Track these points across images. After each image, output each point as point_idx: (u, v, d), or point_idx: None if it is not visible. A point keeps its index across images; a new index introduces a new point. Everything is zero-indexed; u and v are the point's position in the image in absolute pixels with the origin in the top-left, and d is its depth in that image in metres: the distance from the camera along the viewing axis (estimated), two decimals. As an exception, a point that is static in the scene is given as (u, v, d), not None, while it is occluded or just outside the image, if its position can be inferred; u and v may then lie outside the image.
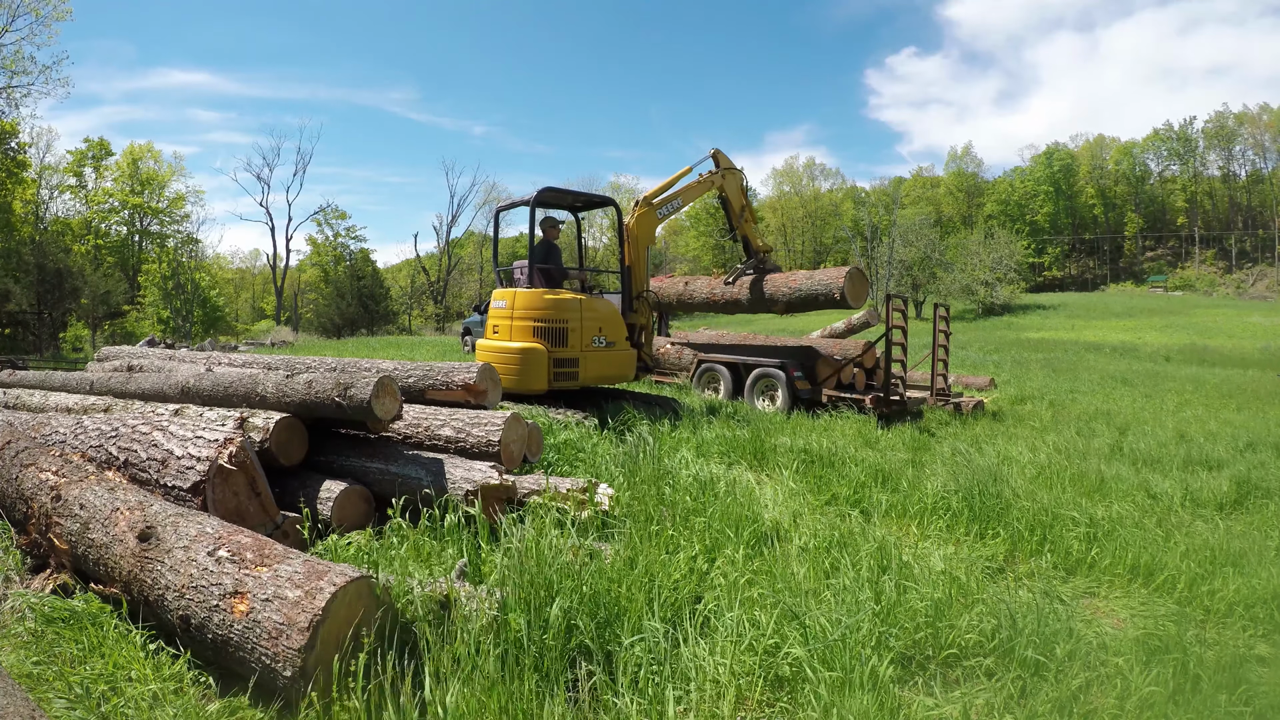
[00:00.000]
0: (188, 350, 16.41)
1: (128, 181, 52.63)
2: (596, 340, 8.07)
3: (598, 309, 8.21)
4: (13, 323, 31.66)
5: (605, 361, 8.19)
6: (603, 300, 8.43)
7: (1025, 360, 23.79)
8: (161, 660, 2.46)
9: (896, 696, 2.40)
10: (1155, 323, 49.01)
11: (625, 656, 2.52)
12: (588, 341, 7.98)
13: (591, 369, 8.07)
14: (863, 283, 9.96)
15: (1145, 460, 6.93)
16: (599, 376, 8.24)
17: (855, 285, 9.80)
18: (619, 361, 8.41)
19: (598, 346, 8.08)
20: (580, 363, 7.90)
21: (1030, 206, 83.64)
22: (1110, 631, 3.05)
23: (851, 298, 9.65)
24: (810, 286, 9.98)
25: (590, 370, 8.05)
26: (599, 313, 8.19)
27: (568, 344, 7.82)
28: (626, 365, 8.57)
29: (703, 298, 11.49)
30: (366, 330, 43.29)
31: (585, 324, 7.99)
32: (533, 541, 2.98)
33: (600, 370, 8.19)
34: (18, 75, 28.99)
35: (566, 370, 7.78)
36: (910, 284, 56.78)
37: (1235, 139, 79.61)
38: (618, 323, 8.42)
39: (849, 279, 9.72)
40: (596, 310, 8.18)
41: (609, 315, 8.32)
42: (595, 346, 8.05)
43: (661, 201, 9.39)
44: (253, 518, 3.43)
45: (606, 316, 8.27)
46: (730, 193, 10.21)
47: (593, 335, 8.05)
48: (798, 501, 4.82)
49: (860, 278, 9.97)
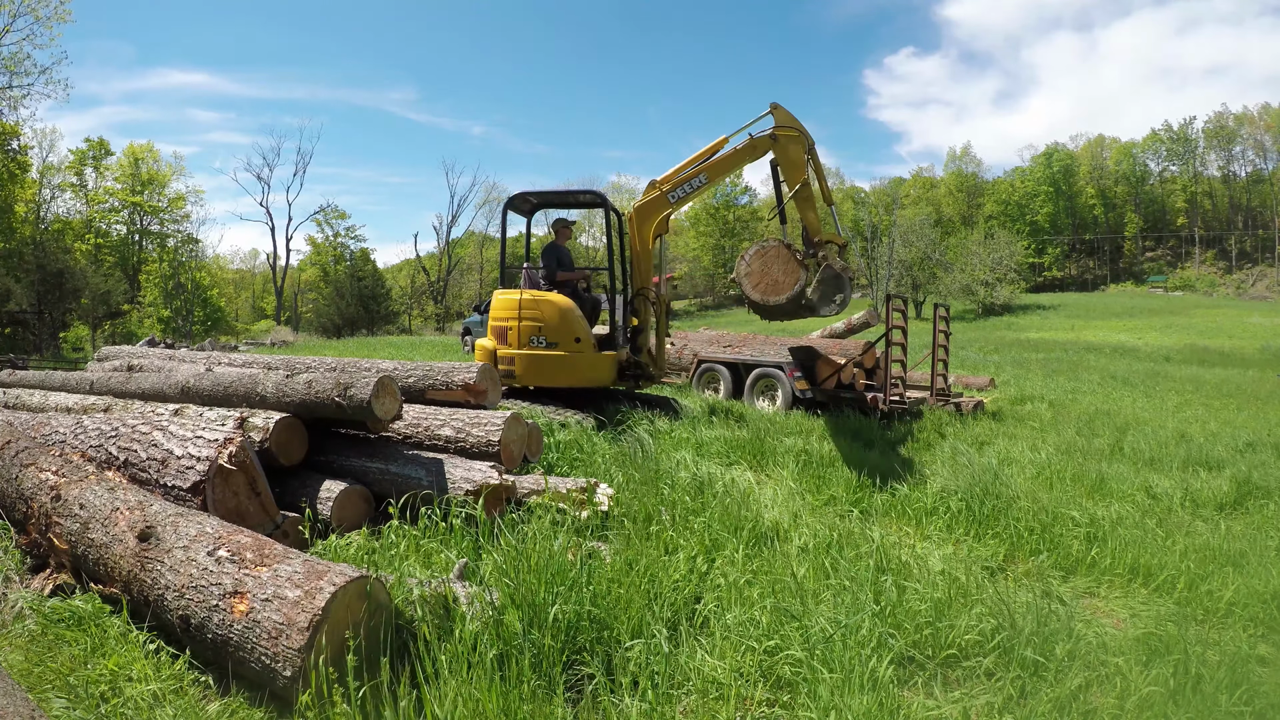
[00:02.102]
0: (188, 350, 16.41)
1: (128, 181, 52.70)
2: (535, 340, 7.66)
3: (540, 308, 7.70)
4: (13, 323, 31.65)
5: (552, 364, 7.63)
6: (559, 299, 7.75)
7: (1025, 360, 23.79)
8: (161, 660, 2.46)
9: (896, 697, 2.40)
10: (1155, 323, 48.99)
11: (625, 657, 2.52)
12: (525, 341, 7.68)
13: (531, 370, 7.64)
14: (784, 259, 7.28)
15: (1145, 460, 6.93)
16: (547, 379, 7.72)
17: (769, 264, 7.38)
18: (575, 365, 7.68)
19: (536, 347, 7.65)
20: (516, 362, 7.64)
21: (1030, 207, 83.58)
22: (1110, 631, 3.04)
23: (769, 290, 7.33)
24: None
25: (529, 372, 7.64)
26: (540, 312, 7.69)
27: (507, 342, 7.73)
28: (587, 369, 7.77)
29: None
30: (366, 330, 43.27)
31: (522, 323, 7.68)
32: (532, 541, 2.98)
33: (546, 372, 7.66)
34: (17, 77, 29.04)
35: (505, 369, 7.56)
36: (910, 284, 56.75)
37: (1235, 139, 79.60)
38: (570, 324, 7.68)
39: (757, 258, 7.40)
40: (538, 309, 7.70)
41: (555, 315, 7.69)
42: (534, 347, 7.66)
43: (674, 183, 7.90)
44: (253, 518, 3.43)
45: (551, 316, 7.68)
46: (786, 163, 7.69)
47: (530, 335, 7.67)
48: (797, 501, 4.82)
49: (775, 254, 7.35)
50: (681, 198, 7.95)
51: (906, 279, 57.31)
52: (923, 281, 57.26)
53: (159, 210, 54.20)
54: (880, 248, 62.02)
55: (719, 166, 7.90)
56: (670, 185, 7.91)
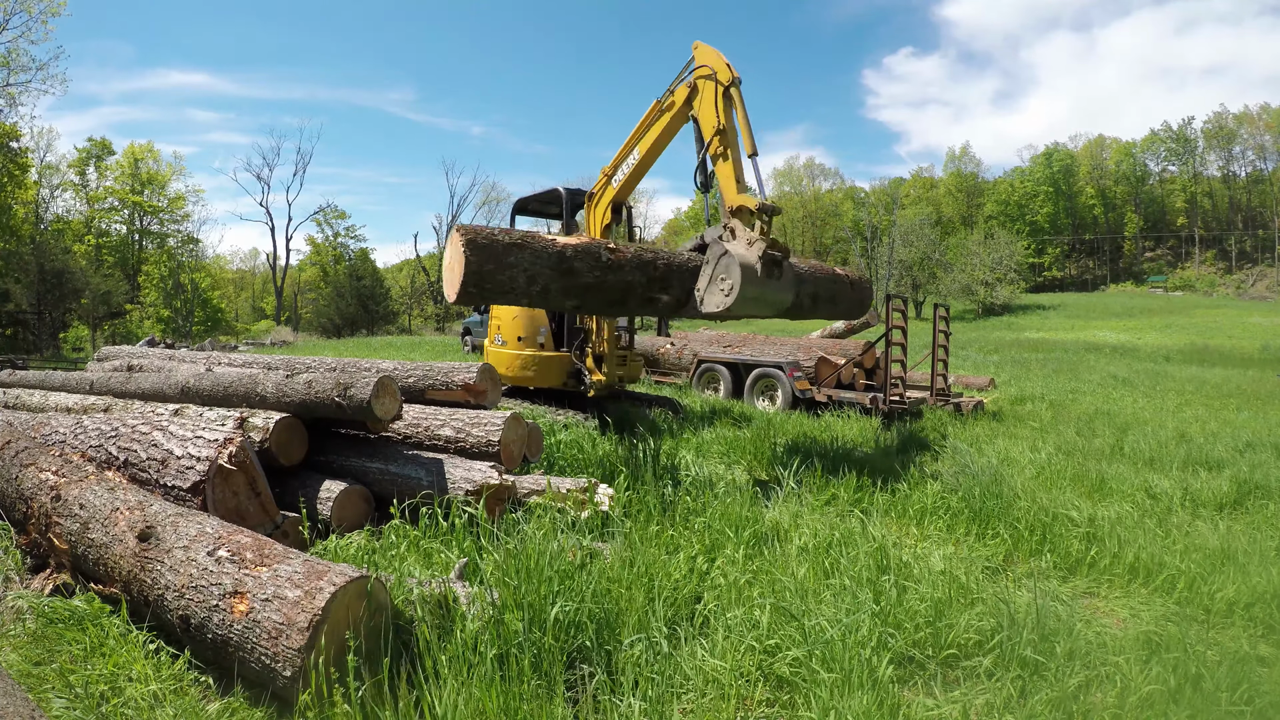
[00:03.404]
0: (187, 350, 16.41)
1: (128, 180, 52.67)
2: (496, 339, 8.48)
3: (498, 309, 8.42)
4: (13, 323, 31.65)
5: (506, 361, 8.09)
6: None
7: (1025, 360, 23.78)
8: (161, 660, 2.46)
9: (896, 696, 2.40)
10: (1155, 323, 48.97)
11: (625, 657, 2.52)
12: (491, 339, 8.60)
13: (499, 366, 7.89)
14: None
15: (1145, 460, 6.92)
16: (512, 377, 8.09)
17: None
18: (523, 363, 8.05)
19: (496, 345, 8.43)
20: (483, 355, 8.62)
21: (1030, 207, 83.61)
22: (1110, 631, 3.04)
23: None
24: None
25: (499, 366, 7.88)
26: (498, 312, 8.49)
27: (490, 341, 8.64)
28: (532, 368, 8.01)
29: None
30: (366, 330, 43.26)
31: (490, 322, 8.63)
32: (532, 542, 2.98)
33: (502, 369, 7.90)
34: (14, 73, 29.00)
35: None
36: (910, 284, 56.77)
37: (1235, 139, 79.57)
38: (519, 323, 8.18)
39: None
40: (497, 310, 8.45)
41: (508, 314, 8.30)
42: (495, 345, 8.46)
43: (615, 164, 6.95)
44: (253, 518, 3.43)
45: (504, 315, 8.37)
46: (703, 111, 5.76)
47: (494, 334, 8.55)
48: (797, 501, 4.82)
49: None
50: (622, 179, 6.95)
51: (906, 279, 57.31)
52: (923, 281, 57.27)
53: (159, 210, 54.17)
54: (880, 248, 62.04)
55: (646, 138, 6.54)
56: (612, 167, 7.04)
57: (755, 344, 11.93)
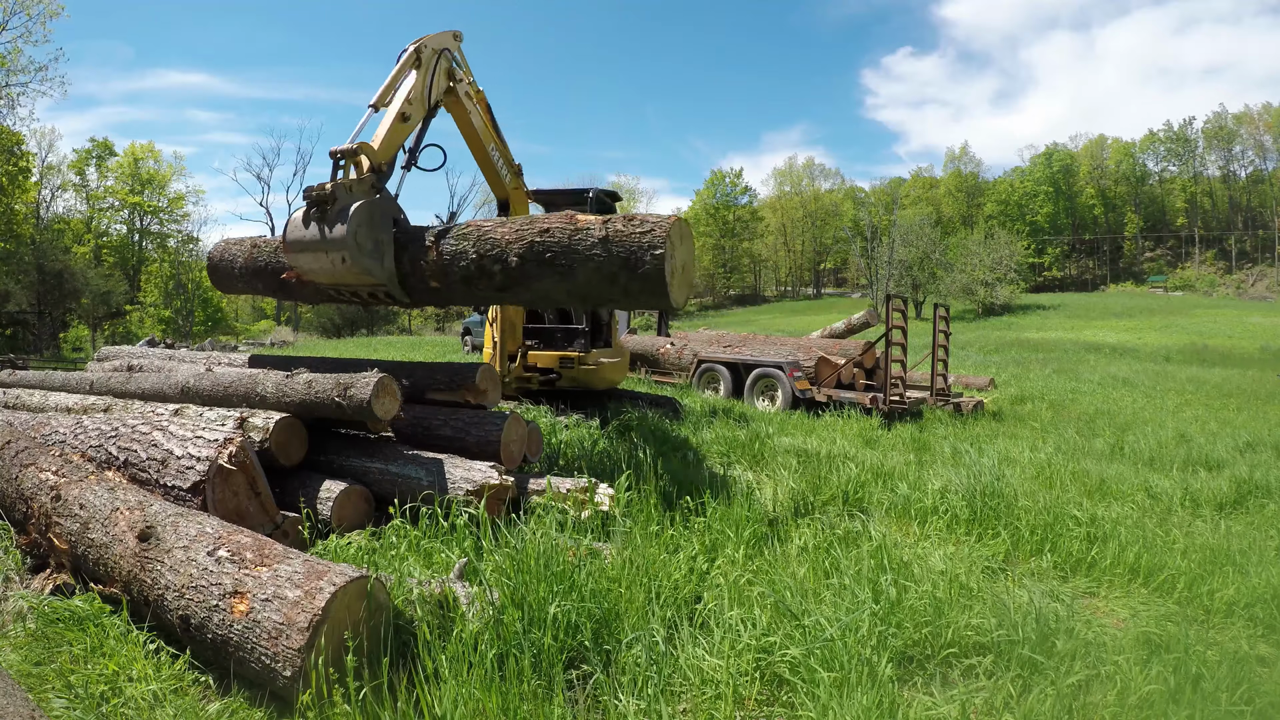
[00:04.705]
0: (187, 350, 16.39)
1: (128, 180, 52.67)
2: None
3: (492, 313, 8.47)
4: (13, 323, 31.65)
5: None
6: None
7: (1025, 360, 23.78)
8: (161, 660, 2.46)
9: (896, 695, 2.40)
10: (1155, 323, 48.95)
11: (624, 657, 2.52)
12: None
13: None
14: None
15: (1145, 460, 6.92)
16: None
17: None
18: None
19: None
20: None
21: (1030, 207, 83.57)
22: (1110, 631, 3.04)
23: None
24: None
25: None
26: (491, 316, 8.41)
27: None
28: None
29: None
30: (366, 330, 43.26)
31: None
32: (532, 542, 2.98)
33: None
34: (14, 74, 28.97)
35: None
36: (910, 284, 56.74)
37: (1234, 139, 79.54)
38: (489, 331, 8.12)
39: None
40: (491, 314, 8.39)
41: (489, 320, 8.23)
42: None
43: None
44: (253, 518, 3.43)
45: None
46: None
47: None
48: (797, 501, 4.82)
49: None
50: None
51: (906, 279, 57.27)
52: (923, 281, 57.22)
53: (159, 210, 54.15)
54: (880, 248, 62.01)
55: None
56: None
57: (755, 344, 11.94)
